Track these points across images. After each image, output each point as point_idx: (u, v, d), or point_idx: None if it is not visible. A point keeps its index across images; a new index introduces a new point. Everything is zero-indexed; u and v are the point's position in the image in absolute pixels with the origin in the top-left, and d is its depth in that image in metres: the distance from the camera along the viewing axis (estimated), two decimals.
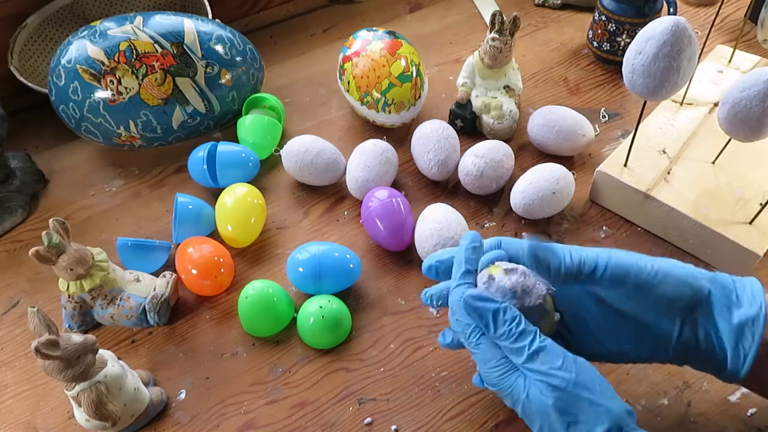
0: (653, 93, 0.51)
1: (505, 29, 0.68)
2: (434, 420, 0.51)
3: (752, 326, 0.40)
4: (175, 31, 0.67)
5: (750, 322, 0.40)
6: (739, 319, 0.40)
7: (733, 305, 0.41)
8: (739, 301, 0.41)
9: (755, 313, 0.40)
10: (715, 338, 0.41)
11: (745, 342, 0.40)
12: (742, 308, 0.40)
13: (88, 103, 0.65)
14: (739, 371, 0.40)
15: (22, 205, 0.68)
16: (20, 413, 0.54)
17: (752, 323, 0.40)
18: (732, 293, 0.41)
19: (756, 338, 0.39)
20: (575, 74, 0.80)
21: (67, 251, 0.52)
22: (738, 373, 0.40)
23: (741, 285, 0.42)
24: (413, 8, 0.93)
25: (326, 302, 0.55)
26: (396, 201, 0.60)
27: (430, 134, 0.66)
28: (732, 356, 0.40)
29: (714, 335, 0.41)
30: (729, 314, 0.40)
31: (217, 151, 0.66)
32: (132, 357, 0.56)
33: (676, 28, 0.47)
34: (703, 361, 0.42)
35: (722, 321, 0.41)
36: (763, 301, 0.40)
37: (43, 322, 0.43)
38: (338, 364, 0.55)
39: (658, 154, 0.63)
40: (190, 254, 0.58)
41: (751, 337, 0.40)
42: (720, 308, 0.41)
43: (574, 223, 0.64)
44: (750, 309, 0.40)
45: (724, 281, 0.42)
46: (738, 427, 0.49)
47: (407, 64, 0.69)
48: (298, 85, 0.81)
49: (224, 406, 0.53)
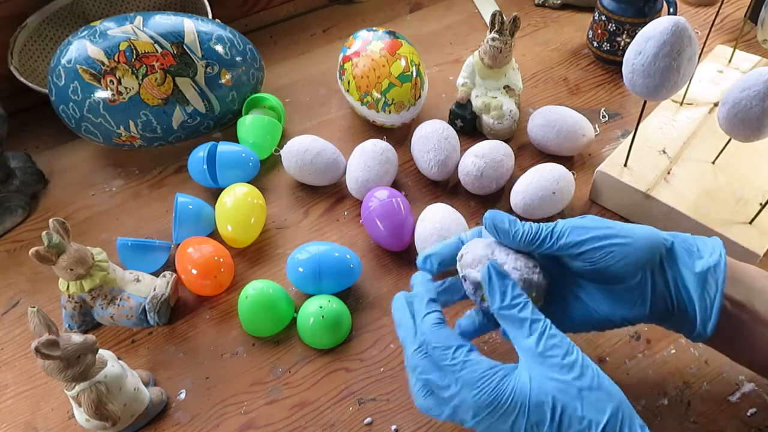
0: (653, 93, 0.51)
1: (505, 29, 0.68)
2: (434, 420, 0.51)
3: (714, 273, 0.41)
4: (175, 31, 0.67)
5: (712, 269, 0.42)
6: (701, 267, 0.42)
7: (694, 255, 0.42)
8: (700, 252, 0.43)
9: (715, 261, 0.42)
10: (683, 290, 0.42)
11: (710, 289, 0.41)
12: (703, 258, 0.42)
13: (88, 103, 0.65)
14: (707, 324, 0.41)
15: (22, 205, 0.68)
16: (20, 413, 0.54)
17: (714, 270, 0.42)
18: (693, 246, 0.43)
19: (719, 285, 0.41)
20: (575, 74, 0.80)
21: (67, 251, 0.52)
22: (706, 325, 0.42)
23: (701, 240, 0.44)
24: (413, 8, 0.93)
25: (326, 302, 0.55)
26: (396, 201, 0.60)
27: (430, 134, 0.66)
28: (699, 306, 0.42)
29: (682, 287, 0.42)
30: (692, 264, 0.42)
31: (217, 151, 0.66)
32: (132, 357, 0.56)
33: (676, 28, 0.47)
34: (676, 319, 0.43)
35: (686, 270, 0.42)
36: (722, 251, 0.42)
37: (43, 322, 0.43)
38: (338, 364, 0.55)
39: (658, 154, 0.63)
40: (190, 254, 0.58)
41: (714, 284, 0.41)
42: (683, 258, 0.43)
43: None
44: (710, 258, 0.42)
45: (685, 236, 0.44)
46: (738, 427, 0.49)
47: (407, 64, 0.69)
48: (298, 85, 0.81)
49: (224, 406, 0.53)
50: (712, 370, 0.52)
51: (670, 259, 0.43)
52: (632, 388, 0.52)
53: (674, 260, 0.43)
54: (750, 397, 0.51)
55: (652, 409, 0.50)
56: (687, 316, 0.43)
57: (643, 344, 0.54)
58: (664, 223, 0.60)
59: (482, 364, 0.39)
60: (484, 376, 0.38)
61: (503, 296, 0.40)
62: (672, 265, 0.43)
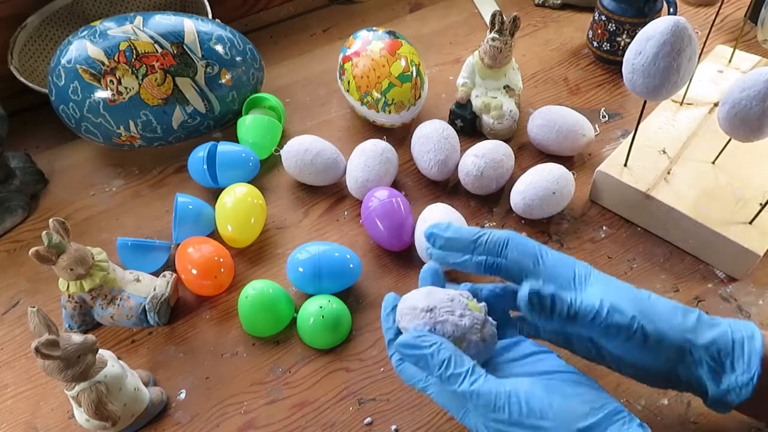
0: (653, 93, 0.51)
1: (505, 29, 0.68)
2: (434, 420, 0.51)
3: (739, 391, 0.39)
4: (175, 31, 0.67)
5: (738, 388, 0.40)
6: (727, 384, 0.40)
7: (725, 372, 0.40)
8: (733, 367, 0.40)
9: (746, 381, 0.39)
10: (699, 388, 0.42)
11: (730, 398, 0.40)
12: (735, 374, 0.40)
13: (88, 103, 0.65)
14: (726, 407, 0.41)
15: (22, 205, 0.68)
16: (20, 413, 0.54)
17: (740, 389, 0.39)
18: (728, 358, 0.40)
19: (741, 397, 0.39)
20: (575, 74, 0.80)
21: (67, 251, 0.52)
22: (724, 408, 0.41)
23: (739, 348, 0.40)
24: (413, 8, 0.93)
25: (326, 302, 0.55)
26: (396, 201, 0.60)
27: (430, 134, 0.66)
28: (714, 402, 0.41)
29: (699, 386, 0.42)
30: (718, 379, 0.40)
31: (217, 151, 0.66)
32: (132, 357, 0.56)
33: (676, 28, 0.47)
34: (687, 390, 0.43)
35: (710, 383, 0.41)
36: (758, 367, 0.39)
37: (43, 322, 0.43)
38: (338, 364, 0.55)
39: (658, 154, 0.63)
40: (190, 254, 0.58)
41: (736, 397, 0.40)
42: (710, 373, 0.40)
43: (574, 223, 0.64)
44: (742, 377, 0.39)
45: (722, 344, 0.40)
46: (738, 427, 0.49)
47: (407, 64, 0.69)
48: (298, 85, 0.81)
49: (224, 406, 0.53)
50: None
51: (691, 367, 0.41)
52: (632, 388, 0.52)
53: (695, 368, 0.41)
54: None
55: (652, 409, 0.50)
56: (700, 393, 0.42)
57: None
58: (664, 223, 0.60)
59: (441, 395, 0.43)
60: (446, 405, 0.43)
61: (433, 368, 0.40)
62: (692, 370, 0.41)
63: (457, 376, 0.39)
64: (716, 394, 0.40)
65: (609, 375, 0.52)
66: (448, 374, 0.39)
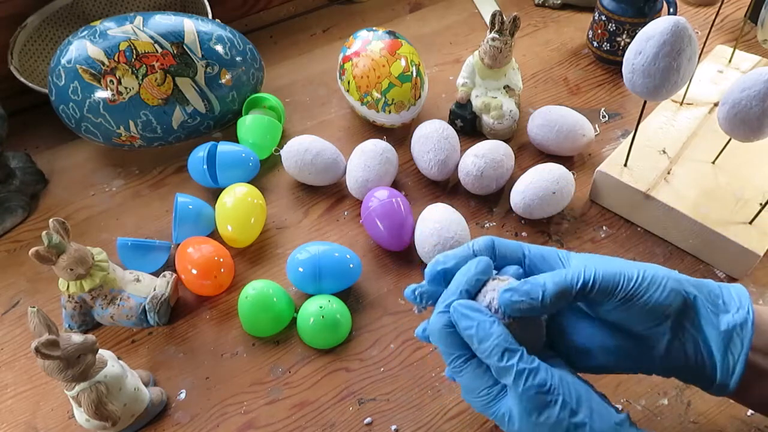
0: (653, 93, 0.51)
1: (505, 29, 0.68)
2: (434, 420, 0.51)
3: (740, 332, 0.39)
4: (175, 31, 0.67)
5: (738, 327, 0.39)
6: (726, 325, 0.39)
7: (720, 311, 0.40)
8: (726, 306, 0.40)
9: (743, 318, 0.39)
10: (703, 348, 0.40)
11: (734, 349, 0.39)
12: (729, 313, 0.39)
13: (88, 103, 0.65)
14: (728, 382, 0.39)
15: (22, 205, 0.68)
16: (20, 413, 0.54)
17: (740, 328, 0.39)
18: (718, 298, 0.40)
19: (745, 344, 0.39)
20: (575, 74, 0.80)
21: (67, 251, 0.52)
22: (727, 384, 0.39)
23: (727, 291, 0.41)
24: (413, 8, 0.93)
25: (326, 302, 0.55)
26: (396, 201, 0.60)
27: (430, 134, 0.66)
28: (721, 365, 0.39)
29: (702, 344, 0.40)
30: (716, 320, 0.39)
31: (217, 151, 0.66)
32: (132, 357, 0.56)
33: (676, 28, 0.47)
34: (693, 373, 0.41)
35: (710, 328, 0.40)
36: (750, 305, 0.39)
37: (43, 322, 0.43)
38: (338, 364, 0.55)
39: (658, 154, 0.63)
40: (190, 254, 0.58)
41: (740, 343, 0.39)
42: (707, 314, 0.40)
43: (574, 223, 0.64)
44: (738, 314, 0.39)
45: (710, 286, 0.41)
46: (738, 427, 0.49)
47: (407, 64, 0.69)
48: (298, 85, 0.81)
49: (224, 406, 0.53)
50: None
51: (692, 315, 0.40)
52: (632, 388, 0.52)
53: (696, 316, 0.40)
54: None
55: (652, 409, 0.50)
56: (704, 374, 0.40)
57: None
58: (664, 223, 0.60)
59: (475, 381, 0.40)
60: (475, 391, 0.40)
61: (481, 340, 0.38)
62: (694, 321, 0.40)
63: (513, 352, 0.37)
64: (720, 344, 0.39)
65: (609, 375, 0.52)
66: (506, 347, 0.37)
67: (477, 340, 0.38)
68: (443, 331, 0.40)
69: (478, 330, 0.38)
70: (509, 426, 0.39)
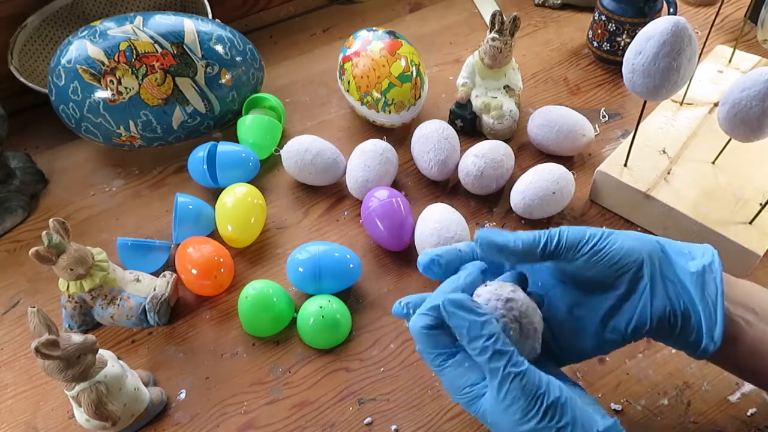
0: (653, 93, 0.51)
1: (505, 29, 0.68)
2: (434, 420, 0.51)
3: (711, 271, 0.40)
4: (175, 31, 0.67)
5: (707, 268, 0.40)
6: (696, 267, 0.41)
7: (686, 257, 0.42)
8: (692, 254, 0.42)
9: (709, 260, 0.41)
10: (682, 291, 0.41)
11: (710, 290, 0.40)
12: (696, 259, 0.41)
13: (88, 103, 0.65)
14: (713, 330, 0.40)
15: (22, 205, 0.68)
16: (20, 413, 0.54)
17: (710, 268, 0.40)
18: (684, 248, 0.43)
19: (719, 286, 0.40)
20: (575, 74, 0.80)
21: (67, 251, 0.52)
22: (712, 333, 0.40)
23: (691, 245, 0.43)
24: (413, 8, 0.93)
25: (326, 302, 0.55)
26: (396, 201, 0.60)
27: (430, 134, 0.66)
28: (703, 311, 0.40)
29: (681, 288, 0.41)
30: (686, 265, 0.41)
31: (217, 151, 0.66)
32: (132, 357, 0.56)
33: (676, 28, 0.47)
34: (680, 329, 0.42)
35: (682, 272, 0.41)
36: (714, 252, 0.42)
37: (43, 322, 0.43)
38: (338, 364, 0.55)
39: (658, 154, 0.63)
40: (190, 254, 0.58)
41: (714, 284, 0.40)
42: (677, 260, 0.42)
43: (574, 223, 0.64)
44: (704, 258, 0.41)
45: (674, 241, 0.44)
46: (738, 427, 0.49)
47: (407, 64, 0.69)
48: (298, 85, 0.81)
49: (224, 406, 0.53)
50: (712, 370, 0.52)
51: (665, 262, 0.42)
52: (632, 388, 0.52)
53: (669, 263, 0.42)
54: (750, 397, 0.51)
55: (652, 409, 0.50)
56: (691, 325, 0.41)
57: (643, 344, 0.54)
58: (664, 223, 0.60)
59: (456, 379, 0.40)
60: (457, 389, 0.40)
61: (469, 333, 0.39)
62: (667, 267, 0.42)
63: (503, 353, 0.37)
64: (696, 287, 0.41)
65: (609, 375, 0.52)
66: (496, 348, 0.37)
67: (468, 338, 0.38)
68: (422, 332, 0.41)
69: (471, 327, 0.38)
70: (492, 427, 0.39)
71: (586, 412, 0.37)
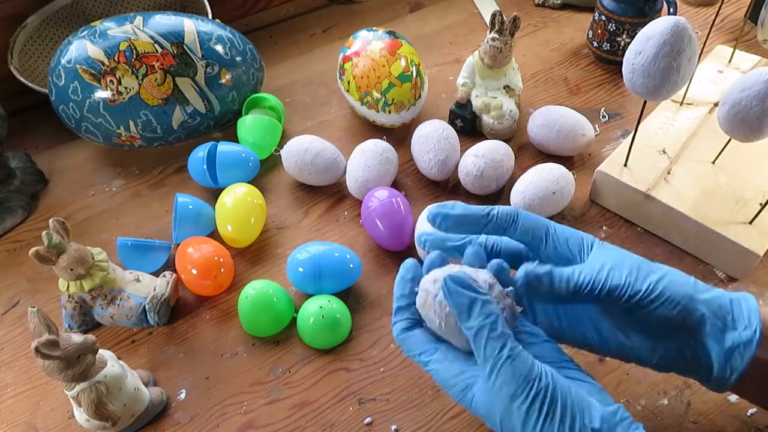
0: (653, 93, 0.51)
1: (505, 29, 0.68)
2: (434, 420, 0.51)
3: (743, 350, 0.39)
4: (175, 31, 0.67)
5: (742, 345, 0.39)
6: (731, 342, 0.39)
7: (727, 328, 0.39)
8: (734, 324, 0.39)
9: (749, 337, 0.39)
10: (703, 357, 0.40)
11: (734, 362, 0.39)
12: (737, 331, 0.39)
13: (88, 103, 0.65)
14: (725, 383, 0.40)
15: (22, 205, 0.68)
16: (20, 413, 0.54)
17: (744, 347, 0.39)
18: (728, 314, 0.40)
19: (745, 360, 0.39)
20: (575, 74, 0.80)
21: (67, 251, 0.52)
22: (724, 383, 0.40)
23: (738, 305, 0.40)
24: (413, 8, 0.93)
25: (326, 302, 0.55)
26: (396, 201, 0.60)
27: (430, 134, 0.66)
28: (718, 371, 0.40)
29: (702, 355, 0.40)
30: (722, 337, 0.39)
31: (217, 151, 0.66)
32: (132, 357, 0.56)
33: (676, 28, 0.47)
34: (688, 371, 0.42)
35: (713, 343, 0.40)
36: (758, 323, 0.39)
37: (43, 322, 0.43)
38: (338, 364, 0.55)
39: (658, 154, 0.63)
40: (190, 254, 0.58)
41: (740, 358, 0.39)
42: (713, 331, 0.40)
43: (574, 223, 0.64)
44: (744, 332, 0.39)
45: (721, 302, 0.40)
46: (738, 427, 0.49)
47: (407, 64, 0.69)
48: (298, 85, 0.81)
49: (224, 406, 0.53)
50: None
51: (699, 331, 0.40)
52: (632, 388, 0.52)
53: (703, 332, 0.40)
54: None
55: (652, 409, 0.50)
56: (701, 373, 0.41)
57: None
58: (665, 223, 0.60)
59: (444, 371, 0.40)
60: (448, 382, 0.40)
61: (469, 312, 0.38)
62: (699, 337, 0.40)
63: (501, 337, 0.37)
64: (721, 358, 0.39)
65: (609, 374, 0.52)
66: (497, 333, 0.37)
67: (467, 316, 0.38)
68: (400, 337, 0.42)
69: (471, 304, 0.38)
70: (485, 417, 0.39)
71: (581, 399, 0.37)
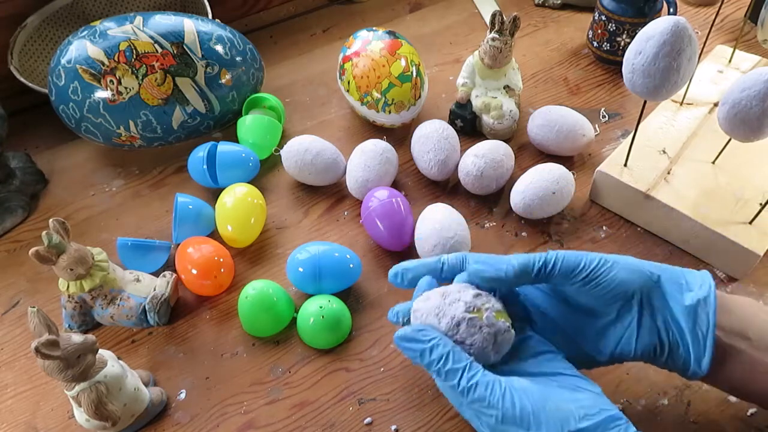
0: (653, 93, 0.51)
1: (505, 29, 0.68)
2: (434, 420, 0.51)
3: (705, 306, 0.41)
4: (175, 31, 0.67)
5: (702, 302, 0.41)
6: (690, 300, 0.41)
7: (683, 288, 0.42)
8: (689, 285, 0.42)
9: (705, 293, 0.41)
10: (672, 323, 0.42)
11: (701, 324, 0.41)
12: (693, 291, 0.42)
13: (88, 103, 0.65)
14: (701, 360, 0.41)
15: (22, 205, 0.68)
16: (20, 413, 0.54)
17: (704, 302, 0.41)
18: (681, 278, 0.43)
19: (711, 319, 0.40)
20: (575, 74, 0.80)
21: (67, 251, 0.52)
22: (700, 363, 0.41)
23: (689, 273, 0.43)
24: (413, 8, 0.93)
25: (326, 302, 0.55)
26: (396, 201, 0.60)
27: (430, 134, 0.66)
28: (692, 342, 0.41)
29: (671, 320, 0.42)
30: (681, 297, 0.42)
31: (217, 151, 0.66)
32: (132, 357, 0.56)
33: (676, 28, 0.47)
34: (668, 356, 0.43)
35: (675, 305, 0.42)
36: (711, 283, 0.42)
37: (43, 322, 0.43)
38: (338, 364, 0.55)
39: (658, 154, 0.63)
40: (190, 254, 0.58)
41: (706, 318, 0.41)
42: (671, 292, 0.42)
43: (574, 223, 0.64)
44: (700, 291, 0.41)
45: (672, 269, 0.44)
46: (738, 427, 0.49)
47: (407, 64, 0.69)
48: (298, 85, 0.81)
49: (224, 406, 0.53)
50: None
51: (658, 294, 0.43)
52: (632, 388, 0.52)
53: (662, 294, 0.42)
54: None
55: (652, 409, 0.50)
56: (679, 354, 0.42)
57: None
58: (665, 223, 0.60)
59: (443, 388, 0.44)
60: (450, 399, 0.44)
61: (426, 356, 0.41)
62: (660, 299, 0.42)
63: (454, 371, 0.40)
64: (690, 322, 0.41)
65: (609, 374, 0.52)
66: (446, 369, 0.40)
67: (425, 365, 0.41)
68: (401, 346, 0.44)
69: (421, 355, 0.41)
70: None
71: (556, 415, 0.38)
